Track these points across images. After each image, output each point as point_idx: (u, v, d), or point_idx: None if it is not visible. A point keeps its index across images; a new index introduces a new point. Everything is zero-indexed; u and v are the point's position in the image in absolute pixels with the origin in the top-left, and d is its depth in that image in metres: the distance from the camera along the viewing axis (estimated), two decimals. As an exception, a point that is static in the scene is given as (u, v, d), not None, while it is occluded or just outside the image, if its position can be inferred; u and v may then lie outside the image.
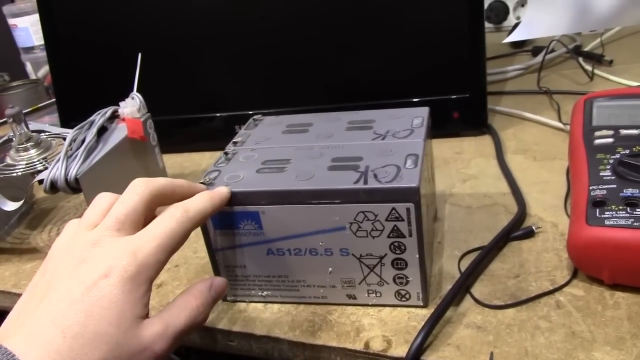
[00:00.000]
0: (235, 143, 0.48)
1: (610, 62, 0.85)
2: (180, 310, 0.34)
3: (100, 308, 0.30)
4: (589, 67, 0.83)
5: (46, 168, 0.52)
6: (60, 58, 0.79)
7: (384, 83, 0.70)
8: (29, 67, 1.16)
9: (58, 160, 0.51)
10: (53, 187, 0.51)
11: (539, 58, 0.87)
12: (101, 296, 0.30)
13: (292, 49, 0.71)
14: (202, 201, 0.37)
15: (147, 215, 0.36)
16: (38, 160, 0.54)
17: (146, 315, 0.32)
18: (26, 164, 0.54)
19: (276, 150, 0.46)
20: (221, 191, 0.40)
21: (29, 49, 1.13)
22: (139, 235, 0.33)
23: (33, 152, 0.55)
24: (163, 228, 0.34)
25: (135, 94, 0.61)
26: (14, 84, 1.10)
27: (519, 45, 0.99)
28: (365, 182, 0.38)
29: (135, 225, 0.34)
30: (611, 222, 0.39)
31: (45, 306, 0.30)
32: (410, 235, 0.39)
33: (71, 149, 0.53)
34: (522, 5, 1.08)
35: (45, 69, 1.12)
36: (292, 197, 0.40)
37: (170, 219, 0.35)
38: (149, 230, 0.34)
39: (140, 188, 0.35)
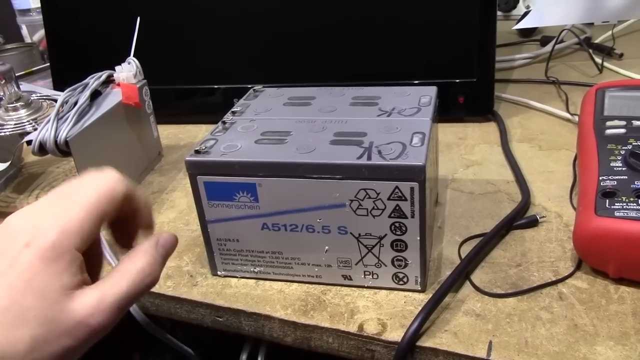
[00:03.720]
0: (234, 113, 0.46)
1: (621, 56, 0.83)
2: (121, 276, 0.31)
3: (23, 281, 0.27)
4: (598, 60, 0.81)
5: (35, 129, 0.50)
6: (57, 20, 0.76)
7: (390, 63, 0.68)
8: (24, 30, 1.13)
9: (48, 121, 0.49)
10: (42, 149, 0.49)
11: (548, 47, 0.85)
12: (23, 268, 0.28)
13: (296, 23, 0.69)
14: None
15: None
16: (27, 121, 0.52)
17: (79, 286, 0.29)
18: (15, 124, 0.52)
19: (276, 121, 0.44)
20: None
21: (25, 12, 1.10)
22: (64, 202, 0.30)
23: (23, 112, 0.53)
24: (87, 192, 0.31)
25: (132, 59, 0.59)
26: (8, 46, 1.07)
27: (527, 34, 0.97)
28: (369, 158, 0.37)
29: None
30: (621, 214, 0.38)
31: None
32: (413, 217, 0.37)
33: (62, 111, 0.51)
34: (533, -6, 1.06)
35: (40, 33, 1.09)
36: (291, 169, 0.38)
37: (101, 182, 0.31)
38: (73, 194, 0.31)
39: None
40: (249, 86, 0.53)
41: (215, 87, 0.73)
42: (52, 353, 0.27)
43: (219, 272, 0.44)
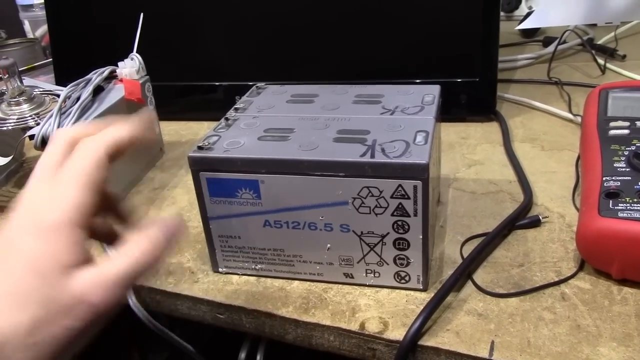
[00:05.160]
0: (236, 109, 0.46)
1: (623, 57, 0.83)
2: (123, 255, 0.30)
3: (22, 263, 0.27)
4: (601, 61, 0.81)
5: (38, 124, 0.50)
6: (60, 15, 0.76)
7: (393, 62, 0.67)
8: (27, 26, 1.13)
9: (51, 116, 0.49)
10: (44, 143, 0.48)
11: (551, 48, 0.85)
12: (21, 250, 0.28)
13: (299, 21, 0.69)
14: (117, 129, 0.33)
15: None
16: (30, 116, 0.52)
17: (79, 264, 0.29)
18: (17, 119, 0.52)
19: (279, 119, 0.44)
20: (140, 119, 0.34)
21: (28, 7, 1.10)
22: (57, 178, 0.30)
23: (25, 107, 0.53)
24: (78, 166, 0.30)
25: (134, 55, 0.59)
26: (11, 41, 1.07)
27: (529, 34, 0.97)
28: (372, 156, 0.37)
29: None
30: (625, 215, 0.38)
31: None
32: (415, 215, 0.37)
33: (65, 106, 0.51)
34: (536, -5, 1.06)
35: (43, 29, 1.09)
36: (294, 166, 0.38)
37: (83, 156, 0.31)
38: (65, 170, 0.31)
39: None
40: (251, 83, 0.52)
41: (217, 84, 0.72)
42: (53, 334, 0.27)
43: (220, 269, 0.44)
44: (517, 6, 1.07)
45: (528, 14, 0.87)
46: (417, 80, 0.65)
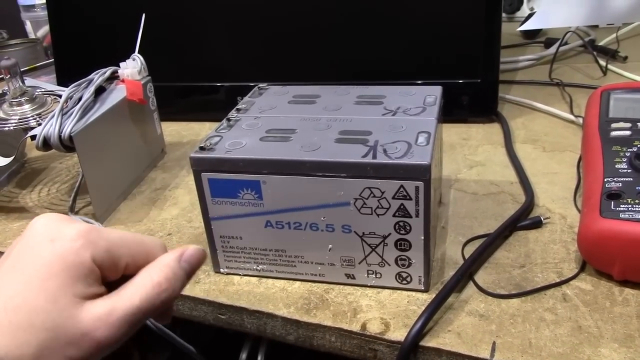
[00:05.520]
0: (238, 110, 0.46)
1: (625, 59, 0.83)
2: (136, 289, 0.29)
3: (39, 279, 0.27)
4: (603, 62, 0.81)
5: (40, 124, 0.50)
6: (62, 16, 0.76)
7: (395, 63, 0.68)
8: (28, 26, 1.13)
9: (52, 116, 0.49)
10: (46, 144, 0.48)
11: (552, 49, 0.85)
12: (43, 264, 0.27)
13: (300, 22, 0.69)
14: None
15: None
16: (32, 116, 0.52)
17: (91, 297, 0.28)
18: (19, 119, 0.52)
19: (281, 119, 0.44)
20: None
21: (30, 7, 1.10)
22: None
23: (27, 107, 0.53)
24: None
25: (136, 55, 0.59)
26: (12, 42, 1.07)
27: (531, 35, 0.97)
28: (374, 157, 0.37)
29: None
30: (626, 216, 0.38)
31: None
32: (417, 216, 0.37)
33: (67, 106, 0.51)
34: (537, -4, 1.06)
35: (44, 29, 1.09)
36: (296, 167, 0.38)
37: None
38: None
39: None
40: (252, 84, 0.53)
41: (219, 84, 0.72)
42: None
43: (221, 270, 0.44)
44: (519, 7, 1.07)
45: (530, 15, 0.87)
46: (419, 81, 0.65)
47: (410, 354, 0.36)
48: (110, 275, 0.29)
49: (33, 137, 0.49)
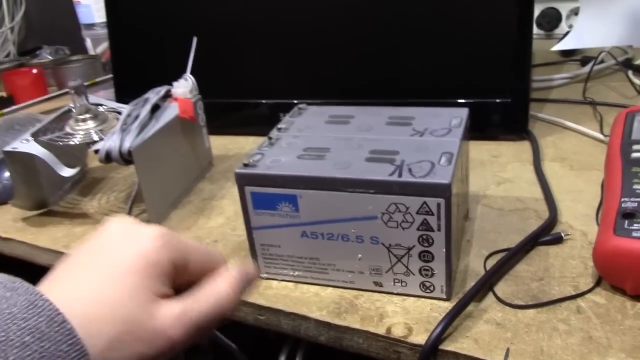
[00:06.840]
0: (279, 129, 0.51)
1: (660, 78, 0.84)
2: (205, 295, 0.30)
3: (120, 274, 0.28)
4: (637, 81, 0.82)
5: (102, 139, 0.56)
6: (121, 37, 0.83)
7: (428, 82, 0.71)
8: (88, 43, 1.21)
9: (114, 133, 0.55)
10: (108, 157, 0.54)
11: (587, 68, 0.87)
12: (124, 261, 0.28)
13: (341, 44, 0.73)
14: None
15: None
16: (95, 132, 0.58)
17: (165, 296, 0.29)
18: (84, 134, 0.58)
19: (317, 138, 0.48)
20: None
21: (90, 26, 1.18)
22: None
23: (91, 123, 0.59)
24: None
25: (188, 76, 0.64)
26: (73, 58, 1.15)
27: (568, 53, 0.98)
28: (400, 175, 0.40)
29: None
30: (639, 235, 0.40)
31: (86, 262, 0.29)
32: (439, 230, 0.40)
33: (126, 124, 0.56)
34: (576, 14, 1.07)
35: (103, 46, 1.16)
36: (329, 184, 0.42)
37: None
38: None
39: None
40: (294, 101, 0.57)
41: (263, 101, 0.77)
42: (125, 357, 0.27)
43: (261, 275, 0.48)
44: (557, 25, 1.09)
45: (567, 33, 0.89)
46: (451, 100, 0.68)
47: (430, 357, 0.39)
48: (177, 279, 0.31)
49: (96, 151, 0.54)
